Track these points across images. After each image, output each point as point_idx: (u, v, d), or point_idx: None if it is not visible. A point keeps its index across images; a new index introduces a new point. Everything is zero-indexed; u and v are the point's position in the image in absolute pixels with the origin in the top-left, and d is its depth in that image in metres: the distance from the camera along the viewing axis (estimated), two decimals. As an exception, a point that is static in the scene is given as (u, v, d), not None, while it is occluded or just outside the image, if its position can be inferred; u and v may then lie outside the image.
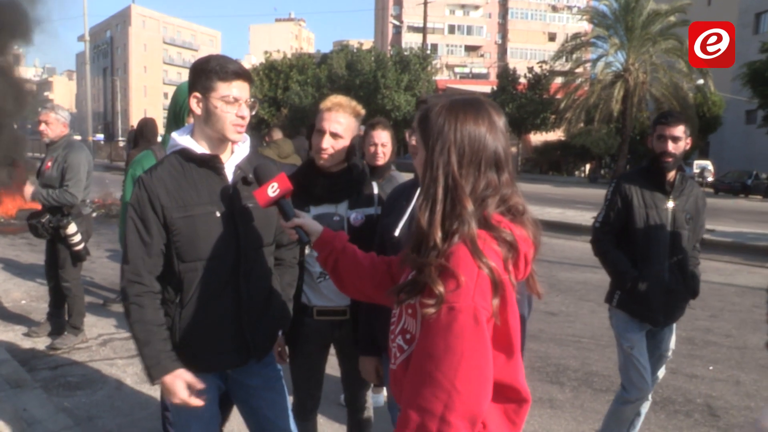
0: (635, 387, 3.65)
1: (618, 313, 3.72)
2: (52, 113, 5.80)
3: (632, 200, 3.59)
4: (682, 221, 3.59)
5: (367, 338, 2.86)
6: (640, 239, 3.58)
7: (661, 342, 3.75)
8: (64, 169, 5.71)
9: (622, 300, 3.67)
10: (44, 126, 5.78)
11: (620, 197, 3.65)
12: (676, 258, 3.59)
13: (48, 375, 5.22)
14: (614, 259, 3.68)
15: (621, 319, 3.71)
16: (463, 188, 1.55)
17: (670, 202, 3.59)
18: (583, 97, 35.39)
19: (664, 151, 3.52)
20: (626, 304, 3.66)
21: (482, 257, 1.47)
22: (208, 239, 2.33)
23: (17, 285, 8.28)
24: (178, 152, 2.41)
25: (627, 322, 3.68)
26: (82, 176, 5.77)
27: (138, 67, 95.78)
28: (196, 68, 2.36)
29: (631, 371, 3.66)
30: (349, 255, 2.08)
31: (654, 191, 3.60)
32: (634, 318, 3.65)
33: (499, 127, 1.63)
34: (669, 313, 3.64)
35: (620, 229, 3.67)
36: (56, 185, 5.71)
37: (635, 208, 3.58)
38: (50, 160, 5.78)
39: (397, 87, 36.60)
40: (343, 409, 3.59)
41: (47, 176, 5.77)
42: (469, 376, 1.43)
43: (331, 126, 2.87)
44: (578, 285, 9.03)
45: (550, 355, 6.01)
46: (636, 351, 3.63)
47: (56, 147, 5.81)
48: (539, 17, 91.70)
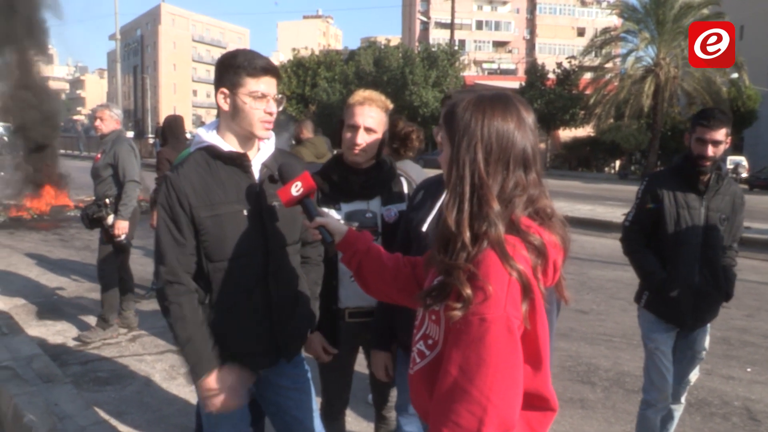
0: (655, 388, 3.58)
1: (645, 313, 3.64)
2: (106, 110, 6.21)
3: (663, 200, 3.47)
4: (715, 222, 3.44)
5: (380, 332, 2.82)
6: (669, 240, 3.47)
7: (693, 342, 3.63)
8: (114, 162, 6.03)
9: (650, 301, 3.58)
10: (99, 122, 6.20)
11: (651, 196, 3.54)
12: (708, 260, 3.46)
13: (78, 370, 5.27)
14: (642, 259, 3.58)
15: (648, 320, 3.63)
16: (490, 187, 1.49)
17: (704, 202, 3.45)
18: (613, 93, 34.97)
19: (703, 155, 3.35)
20: (654, 305, 3.57)
21: (511, 261, 1.41)
22: (236, 238, 2.30)
23: (49, 280, 8.38)
24: (204, 149, 2.37)
25: (653, 322, 3.59)
26: (132, 161, 6.06)
27: (167, 64, 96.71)
28: (224, 63, 2.31)
29: (652, 372, 3.59)
30: (374, 256, 2.02)
31: (687, 191, 3.46)
32: (661, 319, 3.56)
33: (528, 123, 1.56)
34: (698, 315, 3.53)
35: (651, 228, 3.56)
36: (103, 175, 6.05)
37: (666, 208, 3.46)
38: (100, 153, 6.15)
39: (424, 83, 36.51)
40: (370, 407, 3.56)
41: (96, 167, 6.15)
42: (503, 388, 1.37)
43: (364, 120, 2.83)
44: (609, 283, 8.89)
45: (581, 354, 5.92)
46: (660, 352, 3.55)
47: (106, 141, 6.13)
48: (568, 12, 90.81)
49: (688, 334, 3.61)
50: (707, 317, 3.58)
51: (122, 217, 5.98)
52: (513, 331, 1.39)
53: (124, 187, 6.01)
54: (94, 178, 6.16)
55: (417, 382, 1.64)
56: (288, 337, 2.46)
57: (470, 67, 61.31)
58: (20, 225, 13.22)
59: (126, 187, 6.00)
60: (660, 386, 3.56)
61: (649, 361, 3.62)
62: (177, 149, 6.80)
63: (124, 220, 5.99)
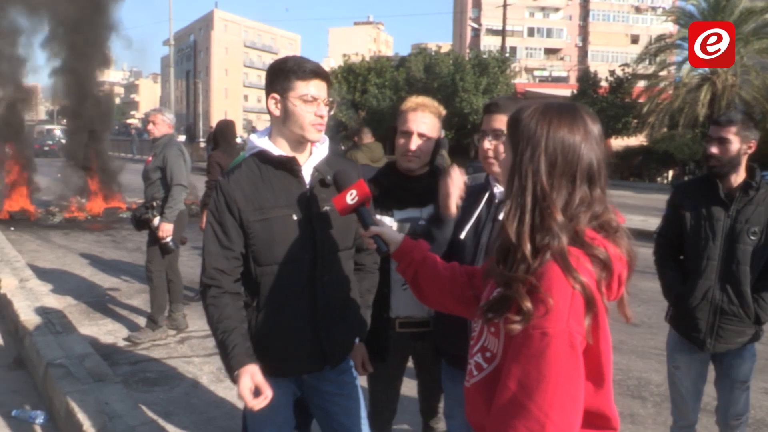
0: (676, 408, 3.49)
1: (670, 330, 3.52)
2: (159, 114, 6.36)
3: (684, 211, 3.33)
4: (742, 235, 3.18)
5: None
6: (689, 252, 3.34)
7: (730, 369, 3.35)
8: (162, 165, 6.13)
9: (673, 316, 3.46)
10: (151, 125, 6.34)
11: (673, 208, 3.43)
12: (731, 276, 3.21)
13: (128, 370, 5.35)
14: (663, 272, 3.48)
15: (672, 337, 3.51)
16: (553, 200, 1.44)
17: (730, 213, 3.20)
18: (667, 101, 34.20)
19: (708, 155, 3.21)
20: (675, 321, 3.44)
21: (575, 273, 1.36)
22: (284, 243, 2.30)
23: (102, 280, 8.57)
24: (256, 155, 2.39)
25: (677, 341, 3.46)
26: (180, 165, 6.15)
27: (219, 69, 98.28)
28: (274, 69, 2.34)
29: (672, 391, 3.50)
30: (429, 266, 1.99)
31: (711, 202, 3.24)
32: (685, 338, 3.39)
33: (595, 136, 1.51)
34: (720, 336, 3.26)
35: (678, 241, 3.42)
36: (152, 178, 6.19)
37: (686, 219, 3.31)
38: (151, 156, 6.29)
39: (475, 90, 36.23)
40: (418, 418, 3.53)
41: (146, 170, 6.30)
42: (563, 405, 1.33)
43: (418, 126, 2.81)
44: (661, 295, 8.63)
45: (631, 368, 5.78)
46: (680, 372, 3.42)
47: (158, 144, 6.26)
48: (621, 19, 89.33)
49: (724, 359, 3.37)
50: (732, 339, 3.29)
51: (167, 219, 6.06)
52: (575, 346, 1.34)
53: (171, 190, 6.09)
54: (145, 180, 6.29)
55: (474, 396, 1.60)
56: (334, 344, 2.43)
57: (521, 75, 60.80)
58: (75, 226, 13.57)
59: (173, 190, 6.08)
60: (681, 407, 3.46)
61: (669, 380, 3.52)
62: (228, 153, 6.88)
63: (168, 222, 6.06)
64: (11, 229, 12.45)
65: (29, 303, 5.88)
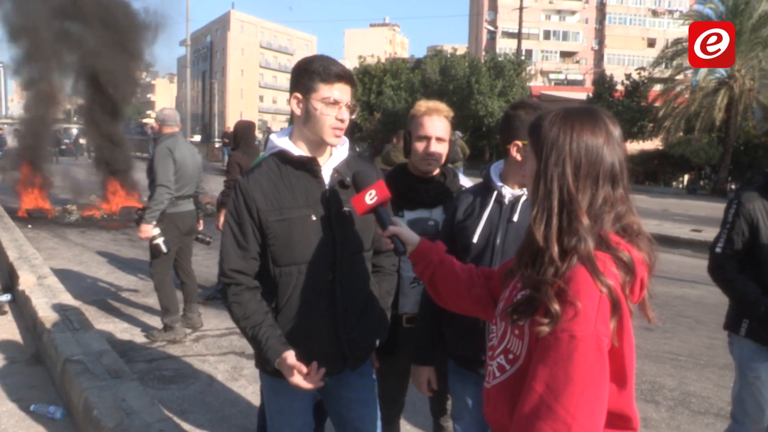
0: (750, 419, 3.37)
1: (744, 341, 3.38)
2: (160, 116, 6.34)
3: (758, 222, 3.24)
4: None
5: (423, 347, 2.80)
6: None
7: None
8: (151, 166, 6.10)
9: (752, 329, 3.33)
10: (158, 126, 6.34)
11: (744, 220, 3.30)
12: None
13: (144, 367, 5.40)
14: (742, 287, 3.32)
15: (748, 348, 3.38)
16: (579, 203, 1.47)
17: None
18: (684, 105, 33.95)
19: None
20: (758, 334, 3.31)
21: (602, 277, 1.39)
22: (303, 243, 2.31)
23: (118, 279, 8.64)
24: (276, 154, 2.40)
25: (755, 351, 3.34)
26: (165, 165, 5.99)
27: (235, 70, 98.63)
28: (299, 68, 2.33)
29: (748, 402, 3.37)
30: (447, 268, 2.01)
31: None
32: (765, 347, 3.31)
33: (616, 138, 1.54)
34: None
35: (744, 254, 3.33)
36: (149, 179, 6.15)
37: (762, 230, 3.23)
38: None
39: (490, 93, 36.17)
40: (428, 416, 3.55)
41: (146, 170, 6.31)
42: (589, 407, 1.35)
43: (435, 131, 2.88)
44: (676, 300, 8.64)
45: (645, 372, 5.76)
46: (760, 382, 3.33)
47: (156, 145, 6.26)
48: (638, 22, 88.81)
49: None
50: None
51: (145, 221, 5.92)
52: (602, 350, 1.37)
53: (154, 191, 5.97)
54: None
55: (495, 397, 1.62)
56: (353, 346, 2.42)
57: (537, 78, 60.58)
58: (91, 224, 13.67)
59: (155, 191, 5.95)
60: (756, 418, 3.36)
61: (746, 391, 3.39)
62: (248, 154, 6.90)
63: (146, 224, 5.91)
64: (29, 226, 12.56)
65: (47, 300, 5.94)
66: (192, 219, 6.44)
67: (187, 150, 6.35)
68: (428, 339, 2.76)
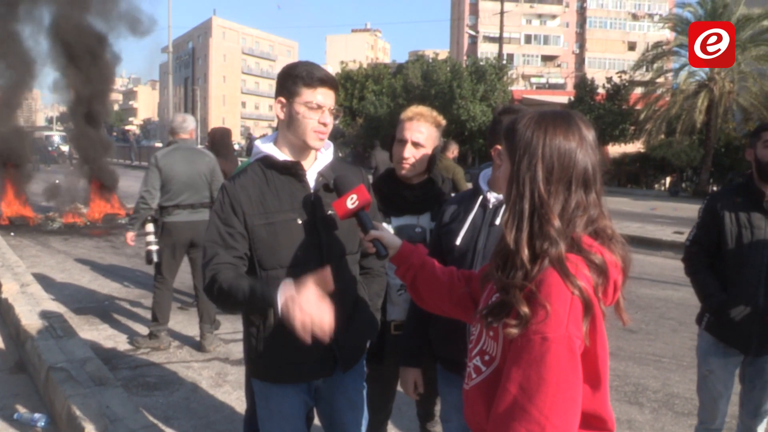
0: (706, 410, 3.51)
1: (705, 335, 3.50)
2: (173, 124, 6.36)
3: (724, 219, 3.32)
4: None
5: (410, 349, 2.82)
6: (730, 260, 3.32)
7: (762, 371, 3.41)
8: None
9: (710, 323, 3.44)
10: None
11: (710, 215, 3.40)
12: None
13: (128, 374, 5.38)
14: (702, 280, 3.44)
15: (707, 342, 3.50)
16: (551, 206, 1.48)
17: None
18: (664, 108, 34.21)
19: (764, 161, 3.19)
20: (715, 328, 3.42)
21: (573, 279, 1.41)
22: (289, 247, 2.32)
23: (101, 286, 8.59)
24: (261, 159, 2.41)
25: (712, 344, 3.46)
26: (148, 175, 6.00)
27: (217, 76, 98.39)
28: (284, 73, 2.36)
29: (703, 394, 3.51)
30: (428, 270, 2.03)
31: (750, 210, 3.27)
32: (720, 342, 3.41)
33: (590, 142, 1.55)
34: (765, 340, 3.30)
35: (714, 249, 3.41)
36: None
37: (726, 227, 3.31)
38: None
39: (472, 97, 36.29)
40: (414, 422, 3.56)
41: None
42: (562, 408, 1.37)
43: (412, 135, 2.86)
44: (659, 302, 8.72)
45: (628, 374, 5.82)
46: (714, 377, 3.43)
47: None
48: (618, 26, 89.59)
49: (755, 361, 3.41)
50: None
51: (126, 228, 6.28)
52: (574, 351, 1.39)
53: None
54: None
55: (473, 398, 1.64)
56: (344, 348, 2.43)
57: (518, 82, 60.93)
58: (74, 231, 13.59)
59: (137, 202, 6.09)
60: (710, 409, 3.47)
61: (701, 383, 3.52)
62: (229, 160, 6.89)
63: (128, 231, 6.20)
64: (11, 234, 12.47)
65: (30, 308, 5.91)
66: (192, 230, 6.04)
67: (182, 158, 6.06)
68: (416, 341, 2.77)
